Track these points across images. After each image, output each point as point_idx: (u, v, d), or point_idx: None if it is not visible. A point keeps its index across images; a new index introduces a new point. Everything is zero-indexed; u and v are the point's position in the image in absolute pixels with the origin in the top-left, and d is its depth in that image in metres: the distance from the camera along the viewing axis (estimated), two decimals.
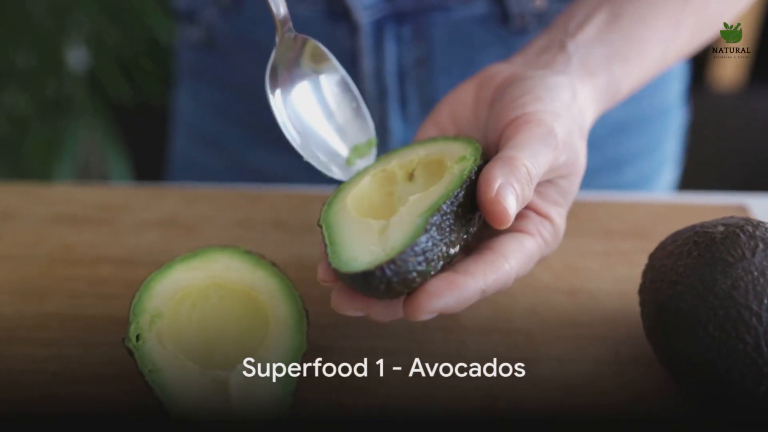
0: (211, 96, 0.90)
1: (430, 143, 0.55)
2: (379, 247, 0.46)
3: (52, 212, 0.71)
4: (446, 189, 0.48)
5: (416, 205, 0.48)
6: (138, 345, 0.50)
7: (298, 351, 0.50)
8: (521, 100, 0.51)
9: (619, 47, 0.57)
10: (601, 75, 0.56)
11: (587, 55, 0.56)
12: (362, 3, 0.73)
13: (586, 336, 0.57)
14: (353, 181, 0.54)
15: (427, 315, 0.45)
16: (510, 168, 0.47)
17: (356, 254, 0.46)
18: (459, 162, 0.51)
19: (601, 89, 0.56)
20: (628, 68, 0.58)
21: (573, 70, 0.55)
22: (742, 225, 0.50)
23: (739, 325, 0.46)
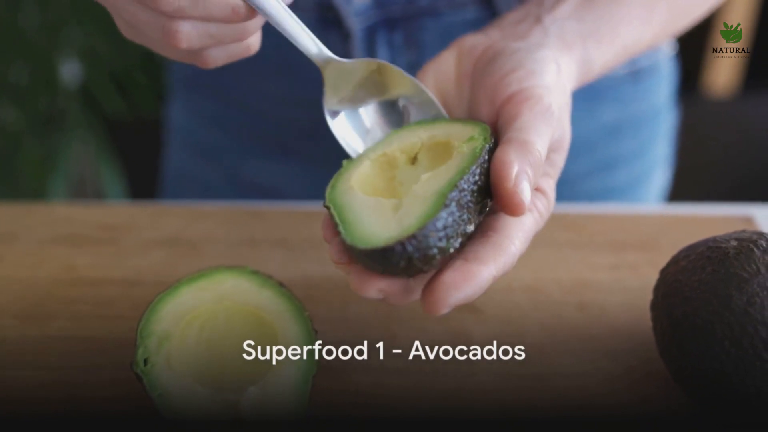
0: (205, 106, 0.90)
1: (433, 124, 0.54)
2: (396, 224, 0.45)
3: (53, 233, 0.70)
4: (460, 167, 0.47)
5: (430, 183, 0.47)
6: (146, 369, 0.49)
7: (308, 373, 0.49)
8: (515, 75, 0.51)
9: (593, 25, 0.57)
10: (576, 49, 0.56)
11: (562, 29, 0.56)
12: (354, 10, 0.73)
13: (598, 350, 0.57)
14: (354, 165, 0.52)
15: (447, 309, 0.44)
16: (525, 153, 0.46)
17: (373, 231, 0.45)
18: (468, 141, 0.49)
19: (577, 63, 0.56)
20: (602, 47, 0.58)
21: (551, 42, 0.55)
22: (756, 239, 0.49)
23: (755, 341, 0.46)
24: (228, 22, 0.49)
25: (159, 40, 0.49)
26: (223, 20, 0.49)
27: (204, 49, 0.51)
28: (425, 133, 0.53)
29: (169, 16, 0.48)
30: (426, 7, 0.75)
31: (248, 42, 0.52)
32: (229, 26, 0.50)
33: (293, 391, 0.49)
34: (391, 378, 0.54)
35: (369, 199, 0.48)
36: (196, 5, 0.47)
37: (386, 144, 0.54)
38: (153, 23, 0.49)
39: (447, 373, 0.55)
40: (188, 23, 0.48)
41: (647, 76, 0.86)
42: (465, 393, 0.54)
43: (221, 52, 0.52)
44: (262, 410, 0.48)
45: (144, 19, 0.49)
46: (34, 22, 1.58)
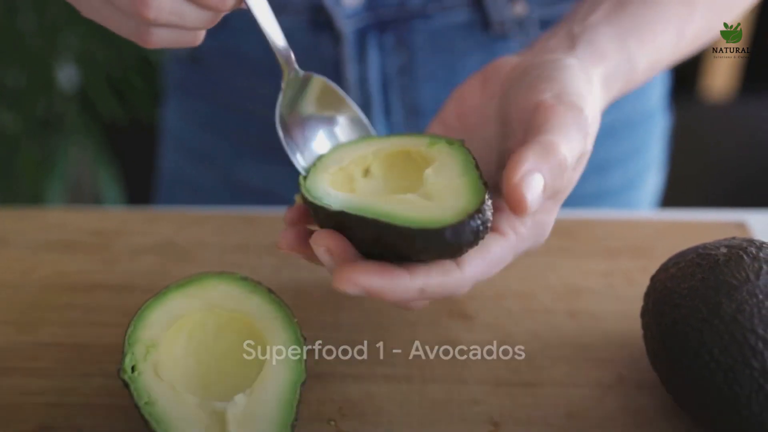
0: (199, 110, 0.90)
1: (372, 140, 0.55)
2: (437, 211, 0.45)
3: (46, 238, 0.70)
4: (459, 158, 0.49)
5: (441, 176, 0.48)
6: (133, 377, 0.49)
7: (296, 381, 0.49)
8: (542, 86, 0.49)
9: (630, 26, 0.56)
10: (614, 55, 0.54)
11: (595, 36, 0.54)
12: (344, 12, 0.73)
13: (589, 359, 0.57)
14: (314, 175, 0.53)
15: (351, 288, 0.44)
16: (545, 153, 0.45)
17: (423, 216, 0.45)
18: (434, 144, 0.51)
19: (615, 70, 0.54)
20: (643, 45, 0.56)
21: (580, 52, 0.53)
22: (745, 246, 0.49)
23: (745, 349, 0.45)
24: (212, 8, 0.47)
25: (125, 6, 0.46)
26: (209, 5, 0.47)
27: (159, 26, 0.48)
28: (370, 148, 0.54)
29: (149, 24, 0.46)
30: (417, 9, 0.75)
31: (198, 32, 0.50)
32: (202, 12, 0.47)
33: (281, 399, 0.48)
34: (380, 386, 0.54)
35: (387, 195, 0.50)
36: (178, 20, 0.46)
37: (339, 157, 0.54)
38: (127, 23, 0.47)
39: (436, 381, 0.55)
40: (165, 30, 0.47)
41: None
42: (455, 401, 0.53)
43: (169, 35, 0.48)
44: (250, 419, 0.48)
45: (117, 19, 0.47)
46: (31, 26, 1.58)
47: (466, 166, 0.49)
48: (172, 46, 0.50)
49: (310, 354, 0.56)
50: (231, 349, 0.53)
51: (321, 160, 0.54)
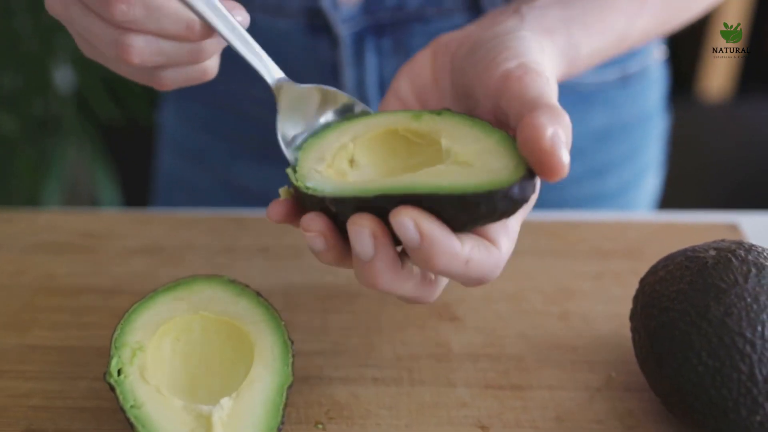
0: (196, 112, 0.90)
1: (359, 120, 0.52)
2: (484, 175, 0.44)
3: (36, 240, 0.69)
4: (464, 124, 0.47)
5: (463, 141, 0.47)
6: (119, 380, 0.49)
7: (283, 384, 0.49)
8: (504, 55, 0.48)
9: (577, 11, 0.56)
10: (559, 34, 0.54)
11: (542, 16, 0.54)
12: (342, 16, 0.73)
13: (578, 361, 0.56)
14: (304, 169, 0.50)
15: (409, 222, 0.42)
16: (555, 115, 0.43)
17: (492, 175, 0.43)
18: (418, 117, 0.49)
19: (561, 49, 0.54)
20: (588, 33, 0.55)
21: (527, 26, 0.52)
22: (734, 249, 0.49)
23: (733, 352, 0.45)
24: (182, 40, 0.48)
25: (113, 55, 0.49)
26: (177, 37, 0.48)
27: (159, 69, 0.50)
28: (346, 135, 0.51)
29: (123, 29, 0.47)
30: (414, 13, 0.74)
31: (204, 65, 0.51)
32: (184, 45, 0.49)
33: (267, 403, 0.48)
34: (368, 389, 0.54)
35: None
36: (150, 17, 0.47)
37: (319, 149, 0.51)
38: (107, 37, 0.48)
39: (425, 384, 0.54)
40: (141, 38, 0.48)
41: (637, 80, 0.85)
42: (443, 404, 0.53)
43: (177, 74, 0.51)
44: (236, 423, 0.47)
45: (98, 33, 0.48)
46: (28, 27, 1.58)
47: (482, 127, 0.47)
48: (187, 84, 0.52)
49: (298, 356, 0.56)
50: (218, 352, 0.52)
51: (302, 160, 0.51)
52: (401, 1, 0.73)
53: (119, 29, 0.47)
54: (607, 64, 0.81)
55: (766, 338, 0.45)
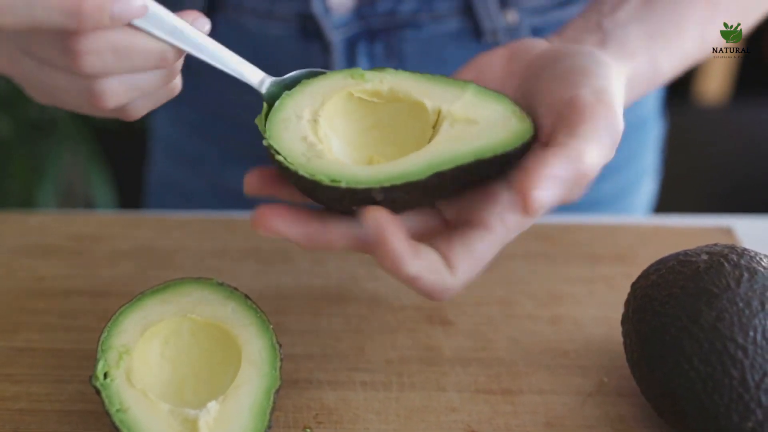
0: (188, 116, 0.89)
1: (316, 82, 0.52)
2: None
3: (26, 242, 0.69)
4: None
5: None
6: (105, 383, 0.48)
7: (270, 387, 0.49)
8: (578, 78, 0.47)
9: (657, 26, 0.54)
10: (642, 56, 0.53)
11: (625, 35, 0.53)
12: (334, 22, 0.72)
13: (569, 366, 0.56)
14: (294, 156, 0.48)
15: (372, 220, 0.42)
16: (570, 162, 0.43)
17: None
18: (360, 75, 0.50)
19: (641, 71, 0.53)
20: (669, 48, 0.55)
21: (611, 49, 0.51)
22: (726, 254, 0.48)
23: (724, 358, 0.45)
24: (156, 69, 0.47)
25: (81, 103, 0.47)
26: (150, 68, 0.47)
27: (129, 102, 0.48)
28: (306, 110, 0.50)
29: (93, 77, 0.46)
30: (407, 18, 0.74)
31: (172, 84, 0.50)
32: (157, 73, 0.47)
33: (254, 406, 0.48)
34: (357, 393, 0.54)
35: None
36: (121, 60, 0.45)
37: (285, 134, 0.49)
38: (74, 87, 0.46)
39: (414, 388, 0.54)
40: (114, 80, 0.46)
41: None
42: (432, 409, 0.53)
43: (147, 102, 0.50)
44: (223, 427, 0.47)
45: (62, 85, 0.47)
46: None
47: (443, 81, 0.49)
48: (158, 105, 0.51)
49: (288, 359, 0.56)
50: (206, 356, 0.52)
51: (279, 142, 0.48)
52: (394, 7, 0.73)
53: (88, 79, 0.46)
54: None
55: (758, 343, 0.45)
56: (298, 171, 0.45)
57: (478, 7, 0.73)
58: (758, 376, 0.45)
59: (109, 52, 0.45)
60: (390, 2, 0.72)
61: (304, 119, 0.48)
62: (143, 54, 0.46)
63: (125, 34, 0.45)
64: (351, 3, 0.72)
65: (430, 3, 0.73)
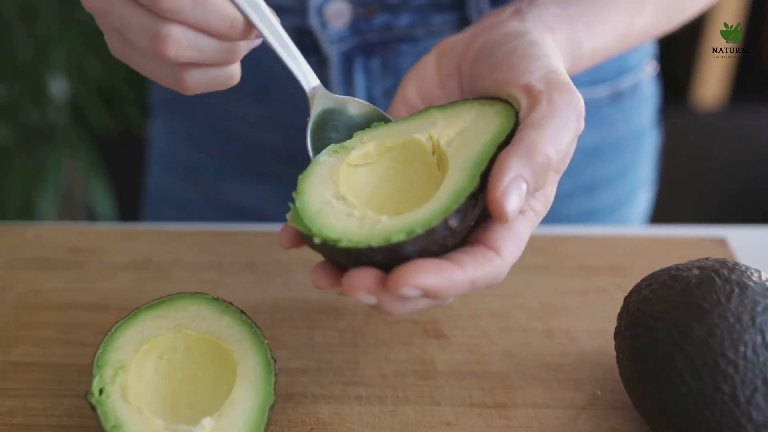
0: (185, 127, 0.90)
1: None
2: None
3: (23, 255, 0.69)
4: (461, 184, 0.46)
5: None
6: (101, 399, 0.48)
7: (265, 403, 0.49)
8: (522, 65, 0.49)
9: (578, 11, 0.55)
10: (561, 31, 0.54)
11: (543, 13, 0.54)
12: (331, 36, 0.72)
13: (564, 379, 0.56)
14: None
15: (409, 289, 0.42)
16: (529, 157, 0.44)
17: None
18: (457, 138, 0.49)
19: (562, 45, 0.53)
20: (591, 31, 0.55)
21: (530, 26, 0.52)
22: (717, 268, 0.49)
23: (715, 373, 0.45)
24: (223, 38, 0.48)
25: (146, 48, 0.47)
26: (219, 33, 0.47)
27: (186, 69, 0.49)
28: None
29: (163, 19, 0.46)
30: (403, 32, 0.74)
31: (231, 69, 0.50)
32: (221, 43, 0.48)
33: (248, 422, 0.48)
34: (352, 407, 0.54)
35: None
36: (196, 9, 0.46)
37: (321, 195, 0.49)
38: (143, 26, 0.47)
39: (409, 402, 0.54)
40: (181, 29, 0.46)
41: (628, 97, 0.85)
42: (427, 423, 0.53)
43: (203, 77, 0.49)
44: None
45: (134, 22, 0.47)
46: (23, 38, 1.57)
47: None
48: (211, 89, 0.50)
49: (283, 374, 0.56)
50: (201, 371, 0.52)
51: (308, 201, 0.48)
52: (390, 21, 0.73)
53: (159, 18, 0.46)
54: (598, 81, 0.81)
55: (749, 359, 0.45)
56: (368, 245, 0.44)
57: (474, 21, 0.73)
58: (749, 392, 0.45)
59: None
60: (386, 16, 0.73)
61: (334, 203, 0.48)
62: (217, 13, 0.46)
63: None
64: (348, 17, 0.72)
65: (425, 17, 0.73)
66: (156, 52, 0.47)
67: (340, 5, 0.72)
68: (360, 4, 0.72)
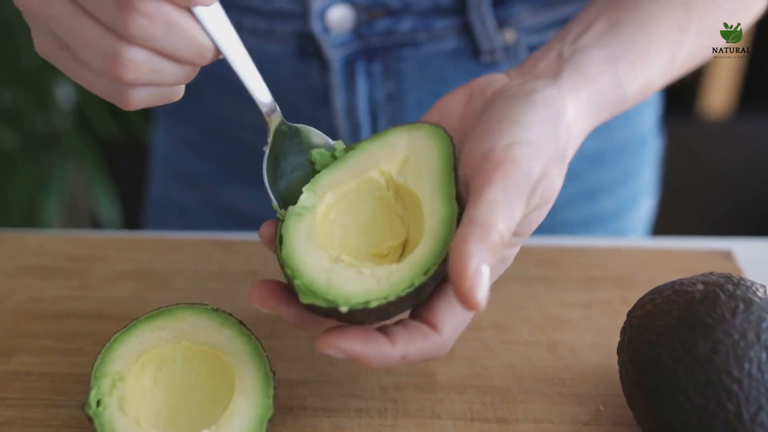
0: (187, 134, 0.89)
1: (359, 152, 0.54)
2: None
3: (23, 263, 0.69)
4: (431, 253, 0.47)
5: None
6: (98, 411, 0.48)
7: (263, 416, 0.48)
8: (498, 126, 0.48)
9: (621, 50, 0.55)
10: (602, 78, 0.53)
11: (584, 59, 0.53)
12: (333, 41, 0.72)
13: (566, 393, 0.55)
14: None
15: (334, 351, 0.46)
16: (485, 240, 0.43)
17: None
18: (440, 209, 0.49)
19: (603, 94, 0.53)
20: (634, 70, 0.55)
21: (565, 77, 0.52)
22: (722, 284, 0.48)
23: (719, 391, 0.44)
24: (187, 63, 0.46)
25: (99, 66, 0.44)
26: (185, 59, 0.46)
27: (133, 87, 0.46)
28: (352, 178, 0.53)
29: (126, 41, 0.43)
30: (405, 37, 0.74)
31: (178, 88, 0.49)
32: (184, 68, 0.46)
33: None
34: (352, 420, 0.53)
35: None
36: (166, 36, 0.44)
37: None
38: (100, 46, 0.44)
39: (409, 415, 0.54)
40: (144, 53, 0.44)
41: None
42: None
43: (149, 95, 0.47)
44: None
45: (89, 38, 0.44)
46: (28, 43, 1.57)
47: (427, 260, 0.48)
48: (154, 105, 0.48)
49: (282, 385, 0.56)
50: (200, 383, 0.52)
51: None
52: (392, 26, 0.73)
53: (121, 41, 0.44)
54: None
55: (754, 376, 0.44)
56: (397, 296, 0.46)
57: (476, 26, 0.73)
58: (753, 410, 0.44)
59: (161, 23, 0.43)
60: (388, 21, 0.72)
61: (337, 269, 0.48)
62: (188, 40, 0.45)
63: (183, 15, 0.44)
64: (350, 22, 0.72)
65: (428, 22, 0.73)
66: (112, 73, 0.44)
67: (342, 10, 0.71)
68: (362, 9, 0.72)
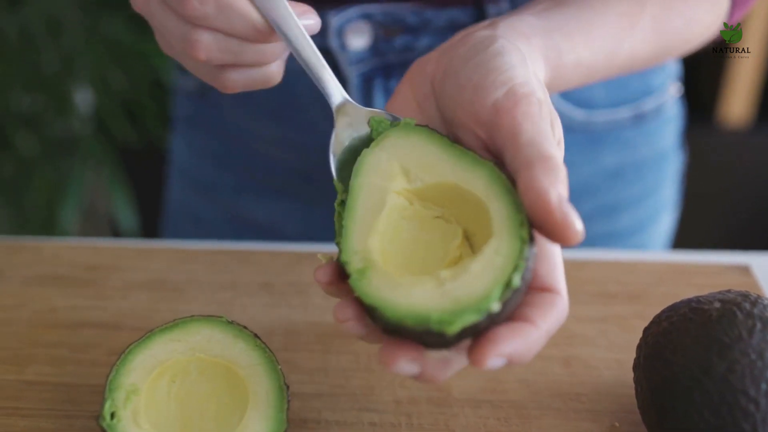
0: (205, 143, 0.90)
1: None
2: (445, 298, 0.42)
3: (38, 272, 0.69)
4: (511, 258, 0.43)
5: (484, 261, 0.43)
6: (112, 424, 0.48)
7: (277, 430, 0.48)
8: (488, 81, 0.47)
9: (558, 23, 0.54)
10: (537, 37, 0.52)
11: (517, 22, 0.52)
12: (350, 58, 0.72)
13: (580, 410, 0.55)
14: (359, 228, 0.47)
15: (498, 361, 0.41)
16: (551, 171, 0.42)
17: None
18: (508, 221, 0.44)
19: (540, 50, 0.52)
20: (571, 40, 0.54)
21: (500, 33, 0.50)
22: (740, 302, 0.47)
23: (735, 411, 0.44)
24: (248, 40, 0.50)
25: (181, 50, 0.50)
26: (243, 36, 0.49)
27: (224, 69, 0.51)
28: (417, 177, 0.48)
29: (193, 25, 0.49)
30: (423, 53, 0.73)
31: (269, 70, 0.52)
32: (249, 45, 0.50)
33: None
34: (363, 429, 0.53)
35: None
36: (220, 15, 0.48)
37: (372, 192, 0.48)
38: (177, 32, 0.50)
39: (423, 429, 0.54)
40: (209, 34, 0.49)
41: (651, 119, 0.84)
42: None
43: (241, 76, 0.52)
44: None
45: (171, 28, 0.50)
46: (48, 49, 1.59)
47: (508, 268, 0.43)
48: (250, 88, 0.53)
49: (296, 398, 0.55)
50: (214, 396, 0.52)
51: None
52: (410, 43, 0.72)
53: (189, 25, 0.49)
54: (620, 103, 0.80)
55: None
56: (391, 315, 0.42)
57: None
58: None
59: (211, 3, 0.48)
60: (406, 38, 0.72)
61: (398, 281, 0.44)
62: (240, 17, 0.48)
63: None
64: (368, 39, 0.72)
65: (445, 39, 0.72)
66: (189, 55, 0.50)
67: (361, 26, 0.71)
68: (380, 26, 0.71)
